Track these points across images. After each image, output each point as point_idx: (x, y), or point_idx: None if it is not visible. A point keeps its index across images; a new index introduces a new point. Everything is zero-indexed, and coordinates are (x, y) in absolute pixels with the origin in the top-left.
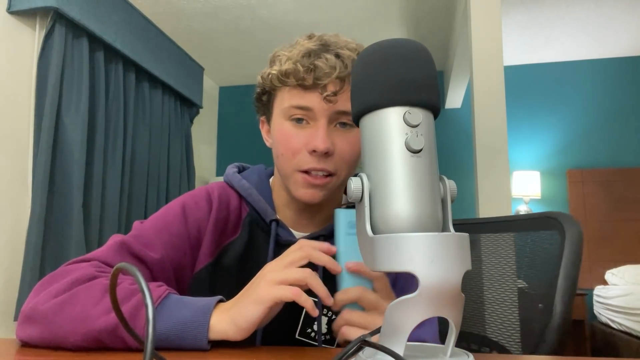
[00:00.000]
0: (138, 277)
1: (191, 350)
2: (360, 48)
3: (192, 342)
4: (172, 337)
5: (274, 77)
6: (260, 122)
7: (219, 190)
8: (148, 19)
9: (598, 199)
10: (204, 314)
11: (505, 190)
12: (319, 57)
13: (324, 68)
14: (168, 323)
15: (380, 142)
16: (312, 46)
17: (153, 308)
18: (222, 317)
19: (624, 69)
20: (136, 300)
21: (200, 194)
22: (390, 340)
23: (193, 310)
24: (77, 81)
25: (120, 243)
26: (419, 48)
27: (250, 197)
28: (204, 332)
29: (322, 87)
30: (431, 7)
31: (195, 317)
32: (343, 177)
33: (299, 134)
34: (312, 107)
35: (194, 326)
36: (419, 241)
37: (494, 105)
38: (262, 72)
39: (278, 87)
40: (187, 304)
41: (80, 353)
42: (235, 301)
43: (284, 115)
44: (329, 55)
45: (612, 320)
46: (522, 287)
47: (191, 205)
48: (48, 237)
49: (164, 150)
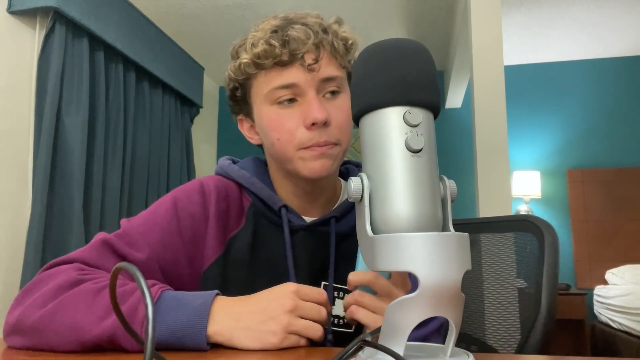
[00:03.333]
0: (138, 277)
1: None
2: (320, 18)
3: (191, 345)
4: (171, 340)
5: (246, 64)
6: (239, 121)
7: (215, 182)
8: (148, 18)
9: (598, 199)
10: (201, 318)
11: (505, 190)
12: (288, 30)
13: (298, 38)
14: (162, 328)
15: (380, 142)
16: (276, 23)
17: (153, 308)
18: (225, 326)
19: (624, 69)
20: (133, 300)
21: (193, 188)
22: (390, 340)
23: (188, 313)
24: (77, 81)
25: (103, 242)
26: (420, 48)
27: (253, 187)
28: (202, 336)
29: (300, 59)
30: (431, 7)
31: (192, 320)
32: (345, 145)
33: (291, 113)
34: (297, 82)
35: (192, 331)
36: (419, 241)
37: (494, 105)
38: (229, 67)
39: (253, 74)
40: (182, 304)
41: (81, 353)
42: (242, 313)
43: (268, 101)
44: (297, 26)
45: (612, 320)
46: (521, 286)
47: (183, 199)
48: (48, 237)
49: (164, 150)
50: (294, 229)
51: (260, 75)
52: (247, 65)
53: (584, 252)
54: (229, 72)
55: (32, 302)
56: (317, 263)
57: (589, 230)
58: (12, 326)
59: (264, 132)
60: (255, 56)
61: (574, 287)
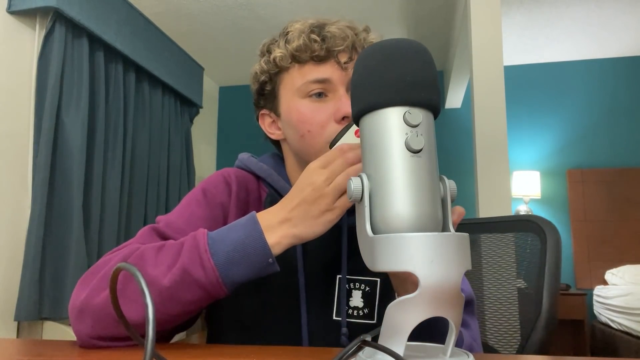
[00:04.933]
0: (138, 276)
1: (259, 273)
2: (352, 24)
3: (257, 258)
4: (236, 258)
5: (282, 57)
6: (260, 116)
7: (235, 173)
8: (148, 19)
9: (598, 199)
10: (256, 230)
11: (505, 190)
12: (327, 28)
13: (337, 36)
14: (221, 253)
15: (380, 142)
16: (313, 22)
17: (153, 308)
18: (285, 233)
19: (624, 69)
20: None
21: (217, 179)
22: (390, 340)
23: (244, 230)
24: (77, 81)
25: (151, 229)
26: (420, 48)
27: (270, 178)
28: (265, 246)
29: (335, 56)
30: (431, 7)
31: (249, 234)
32: None
33: (322, 107)
34: (331, 78)
35: (254, 244)
36: (418, 241)
37: (494, 105)
38: (260, 62)
39: (286, 68)
40: (230, 228)
41: (81, 352)
42: (290, 218)
43: (300, 94)
44: (334, 26)
45: (612, 320)
46: (521, 287)
47: (211, 190)
48: (48, 237)
49: (164, 150)
50: None
51: (294, 69)
52: (282, 58)
53: (584, 252)
54: (260, 66)
55: (97, 283)
56: (330, 255)
57: (589, 230)
58: (78, 309)
59: (292, 125)
60: (294, 49)
61: (573, 287)
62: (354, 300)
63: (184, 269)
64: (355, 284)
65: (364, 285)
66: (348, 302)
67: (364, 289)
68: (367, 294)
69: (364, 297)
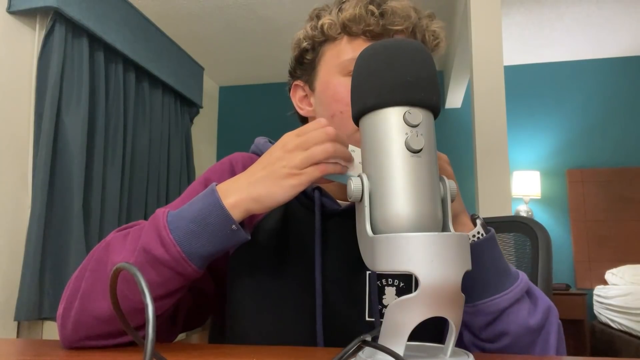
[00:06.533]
0: (138, 276)
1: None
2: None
3: (218, 227)
4: (197, 229)
5: (330, 26)
6: (293, 87)
7: (244, 158)
8: (148, 19)
9: (598, 199)
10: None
11: (505, 190)
12: (388, 3)
13: (398, 13)
14: (182, 227)
15: (380, 142)
16: None
17: (153, 308)
18: (240, 195)
19: (624, 69)
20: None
21: (222, 167)
22: (390, 340)
23: (202, 200)
24: (77, 81)
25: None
26: (420, 48)
27: None
28: (224, 212)
29: (391, 36)
30: (431, 7)
31: (208, 203)
32: None
33: None
34: None
35: (212, 212)
36: (418, 241)
37: (494, 105)
38: (306, 27)
39: (332, 38)
40: (190, 204)
41: (81, 353)
42: (251, 180)
43: (341, 71)
44: (396, 2)
45: (612, 320)
46: None
47: (212, 178)
48: (48, 237)
49: (164, 150)
50: (327, 213)
51: (341, 42)
52: (330, 26)
53: (584, 252)
54: (305, 31)
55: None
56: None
57: (589, 230)
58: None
59: (324, 103)
60: (346, 18)
61: (573, 287)
62: (387, 298)
63: (144, 248)
64: (388, 280)
65: (398, 281)
66: (381, 301)
67: (398, 285)
68: (402, 291)
69: (399, 294)
